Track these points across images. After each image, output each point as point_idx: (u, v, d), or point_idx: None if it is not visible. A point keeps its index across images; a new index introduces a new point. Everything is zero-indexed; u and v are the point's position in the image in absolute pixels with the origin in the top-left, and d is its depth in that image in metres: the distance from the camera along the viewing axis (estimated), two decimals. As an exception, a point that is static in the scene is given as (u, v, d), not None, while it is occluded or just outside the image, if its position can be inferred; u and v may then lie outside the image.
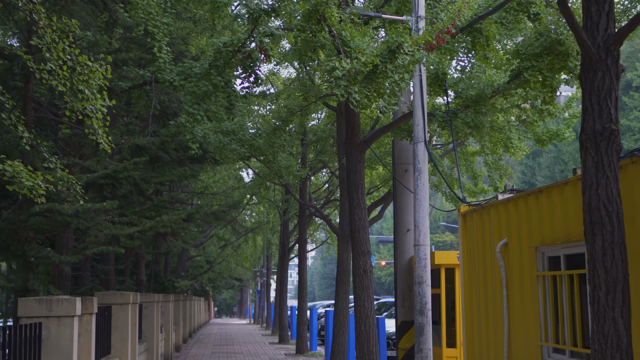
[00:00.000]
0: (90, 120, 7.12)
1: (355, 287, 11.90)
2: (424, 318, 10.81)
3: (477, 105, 11.23)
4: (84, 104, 6.92)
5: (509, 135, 16.56)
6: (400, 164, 14.09)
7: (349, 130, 12.09)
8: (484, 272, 9.29)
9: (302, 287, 23.83)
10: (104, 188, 10.19)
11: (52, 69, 6.56)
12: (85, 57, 6.80)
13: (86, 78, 6.79)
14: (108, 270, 16.66)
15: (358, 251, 11.91)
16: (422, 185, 11.10)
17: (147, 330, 15.56)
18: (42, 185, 6.64)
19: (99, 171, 9.69)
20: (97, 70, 6.90)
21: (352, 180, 12.02)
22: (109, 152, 7.73)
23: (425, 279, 10.90)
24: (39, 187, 6.64)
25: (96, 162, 10.11)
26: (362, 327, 11.74)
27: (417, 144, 11.06)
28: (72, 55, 6.68)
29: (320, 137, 19.92)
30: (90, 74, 6.84)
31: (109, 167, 9.85)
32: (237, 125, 14.26)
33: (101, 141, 7.43)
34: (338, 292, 17.01)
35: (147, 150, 10.57)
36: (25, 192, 6.59)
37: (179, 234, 10.37)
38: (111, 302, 11.23)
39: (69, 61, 6.65)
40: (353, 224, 11.97)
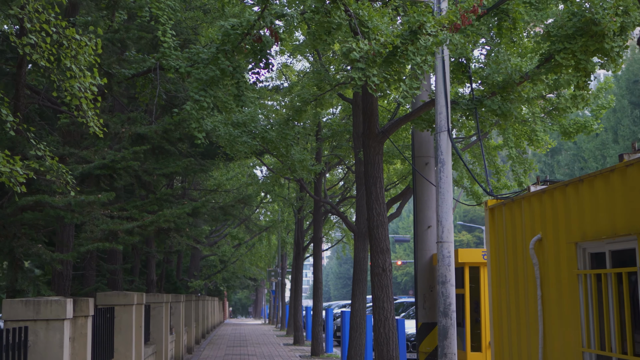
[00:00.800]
0: (79, 101, 6.43)
1: (374, 287, 11.16)
2: (448, 320, 10.05)
3: (504, 92, 10.45)
4: (71, 82, 6.23)
5: (534, 127, 15.77)
6: (420, 157, 13.33)
7: (366, 120, 11.35)
8: (514, 270, 8.53)
9: (317, 287, 23.12)
10: (100, 179, 9.48)
11: (35, 42, 5.87)
12: (73, 30, 6.11)
13: (74, 53, 6.11)
14: (115, 269, 16.01)
15: (377, 249, 11.17)
16: (446, 177, 10.34)
17: (155, 332, 14.90)
18: (21, 172, 5.96)
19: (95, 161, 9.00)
20: (87, 45, 6.21)
21: (369, 173, 11.28)
22: (101, 136, 7.03)
23: (450, 278, 10.15)
24: (18, 175, 5.96)
25: (93, 152, 9.42)
26: (382, 329, 11.00)
27: (440, 133, 10.31)
28: (57, 28, 6.00)
29: (335, 132, 19.21)
30: (79, 49, 6.15)
31: (106, 157, 9.15)
32: (248, 117, 13.56)
33: (91, 124, 6.73)
34: (355, 292, 16.28)
35: (149, 139, 9.85)
36: (3, 180, 5.92)
37: (183, 230, 9.66)
38: (114, 303, 10.57)
39: (54, 34, 5.97)
40: (371, 220, 11.23)
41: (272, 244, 43.92)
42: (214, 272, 40.34)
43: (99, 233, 8.78)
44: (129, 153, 9.19)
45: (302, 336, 27.78)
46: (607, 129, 51.15)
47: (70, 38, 6.03)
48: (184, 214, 9.21)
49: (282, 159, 14.58)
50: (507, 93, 10.48)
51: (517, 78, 10.33)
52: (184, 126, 9.74)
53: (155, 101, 9.81)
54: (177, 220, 9.22)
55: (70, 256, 9.35)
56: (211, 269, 42.31)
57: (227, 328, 45.39)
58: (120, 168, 9.08)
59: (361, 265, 16.33)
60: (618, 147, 50.38)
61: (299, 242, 28.68)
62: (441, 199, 10.27)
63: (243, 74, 9.47)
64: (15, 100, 9.09)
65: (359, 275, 16.33)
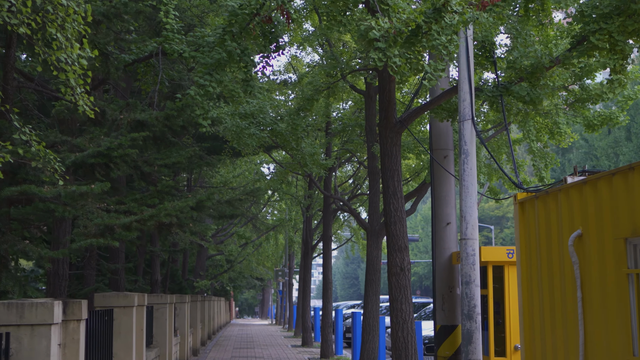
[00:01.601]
0: (65, 75, 5.70)
1: (391, 287, 10.42)
2: (473, 323, 9.31)
3: (532, 78, 9.70)
4: (58, 53, 5.51)
5: (556, 120, 14.99)
6: (439, 150, 12.57)
7: (383, 109, 10.61)
8: (549, 269, 7.78)
9: (326, 287, 22.36)
10: (96, 169, 8.74)
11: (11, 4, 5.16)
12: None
13: (61, 21, 5.40)
14: (117, 269, 15.30)
15: (394, 246, 10.43)
16: (470, 169, 9.60)
17: (159, 335, 14.20)
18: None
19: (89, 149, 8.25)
20: (75, 13, 5.48)
21: (386, 165, 10.54)
22: (92, 116, 6.31)
23: (474, 278, 9.41)
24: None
25: (88, 140, 8.68)
26: (400, 333, 10.26)
27: (463, 122, 9.57)
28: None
29: (346, 126, 18.46)
30: (66, 17, 5.43)
31: (102, 144, 8.41)
32: (256, 108, 12.82)
33: (80, 102, 6.01)
34: (367, 292, 15.53)
35: (150, 127, 9.11)
36: (-24, 164, 5.26)
37: (186, 226, 8.92)
38: (113, 305, 9.86)
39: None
40: (388, 216, 10.49)
41: (280, 243, 43.16)
42: (221, 271, 39.60)
43: (93, 228, 8.04)
44: (127, 140, 8.41)
45: (311, 337, 27.04)
46: (619, 127, 50.27)
47: (56, 3, 5.31)
48: (187, 208, 8.44)
49: (292, 152, 13.85)
50: (536, 79, 9.73)
51: (546, 62, 9.58)
52: (188, 112, 9.01)
53: (156, 87, 9.08)
54: (180, 215, 8.46)
55: (60, 253, 8.60)
56: (217, 268, 41.61)
57: (234, 329, 44.69)
58: (117, 156, 8.31)
59: (374, 264, 15.59)
60: (631, 144, 49.48)
61: (308, 241, 27.93)
62: (465, 193, 9.53)
63: (251, 57, 8.73)
64: (3, 83, 8.37)
65: (372, 274, 15.59)
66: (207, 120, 8.23)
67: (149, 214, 8.07)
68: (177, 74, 10.29)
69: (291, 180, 29.68)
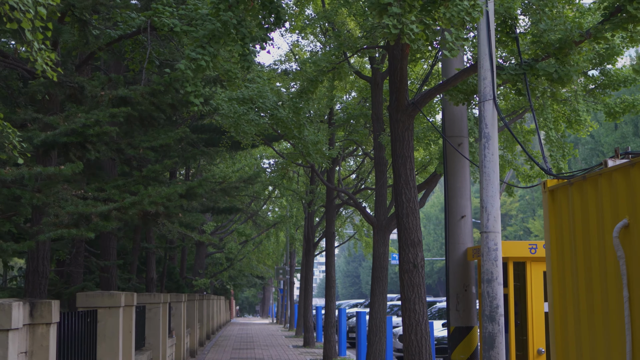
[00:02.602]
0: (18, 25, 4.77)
1: (403, 286, 9.51)
2: (495, 326, 8.39)
3: (560, 53, 8.76)
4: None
5: (576, 107, 14.05)
6: (453, 137, 11.63)
7: (394, 90, 9.68)
8: (586, 265, 6.85)
9: (329, 286, 21.43)
10: (70, 150, 7.80)
11: None
12: None
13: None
14: (108, 266, 14.37)
15: (406, 241, 9.52)
16: (491, 155, 8.67)
17: (152, 337, 13.28)
18: None
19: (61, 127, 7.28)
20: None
21: (397, 152, 9.62)
22: (55, 79, 5.41)
23: (497, 275, 8.49)
24: None
25: (63, 118, 7.74)
26: (413, 336, 9.34)
27: (484, 102, 8.64)
28: None
29: (350, 116, 17.54)
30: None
31: (76, 121, 7.46)
32: (255, 93, 11.89)
33: (38, 59, 5.07)
34: (374, 291, 14.61)
35: (134, 104, 8.13)
36: None
37: (175, 216, 7.97)
38: (97, 305, 8.93)
39: None
40: (400, 207, 9.57)
41: (280, 241, 42.22)
42: (220, 270, 38.70)
43: (66, 217, 7.09)
44: (105, 116, 7.43)
45: (313, 337, 26.13)
46: (627, 122, 49.29)
47: None
48: (175, 195, 7.45)
49: (294, 141, 12.91)
50: (564, 54, 8.80)
51: (576, 36, 8.64)
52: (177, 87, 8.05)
53: (144, 65, 8.14)
54: (167, 203, 7.51)
55: (25, 246, 7.65)
56: (217, 266, 40.75)
57: (234, 328, 43.80)
58: (94, 135, 7.33)
59: (381, 261, 14.67)
60: (639, 140, 48.51)
61: (309, 238, 27.01)
62: (485, 181, 8.61)
63: (249, 28, 7.80)
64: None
65: (378, 272, 14.66)
66: (199, 98, 7.31)
67: (130, 201, 7.09)
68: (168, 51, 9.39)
69: (292, 176, 28.78)
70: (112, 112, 7.42)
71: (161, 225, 7.84)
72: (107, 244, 14.88)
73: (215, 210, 25.66)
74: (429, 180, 15.19)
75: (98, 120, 7.31)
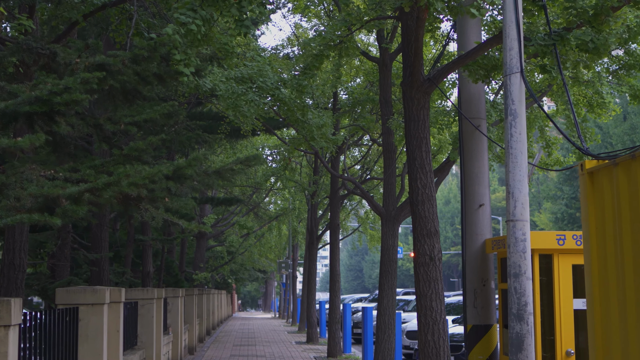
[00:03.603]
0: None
1: (419, 280, 8.60)
2: (524, 325, 7.47)
3: (596, 21, 7.83)
4: None
5: (599, 89, 13.13)
6: (469, 119, 10.71)
7: (407, 65, 8.75)
8: (636, 255, 5.93)
9: (334, 280, 20.51)
10: (35, 122, 6.86)
11: None
12: None
13: None
14: (99, 259, 13.47)
15: (422, 231, 8.61)
16: (518, 134, 7.74)
17: (145, 335, 12.40)
18: None
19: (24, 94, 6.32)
20: None
21: (412, 133, 8.70)
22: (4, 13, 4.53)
23: (525, 269, 7.56)
24: None
25: (30, 87, 6.78)
26: (429, 336, 8.44)
27: (510, 75, 7.71)
28: None
29: (356, 101, 16.60)
30: None
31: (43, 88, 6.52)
32: (254, 71, 10.97)
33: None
34: (382, 286, 13.70)
35: (115, 74, 7.15)
36: None
37: (160, 200, 7.02)
38: (78, 302, 8.04)
39: None
40: (414, 194, 8.66)
41: (283, 234, 41.31)
42: (221, 263, 37.84)
43: (29, 200, 6.15)
44: (76, 82, 6.44)
45: (316, 333, 25.24)
46: (636, 113, 48.30)
47: None
48: (159, 176, 6.48)
49: (297, 125, 11.99)
50: (600, 22, 7.86)
51: (614, 1, 7.71)
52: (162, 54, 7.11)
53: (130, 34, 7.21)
54: (151, 186, 6.56)
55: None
56: (218, 260, 39.93)
57: (235, 323, 42.97)
58: (62, 104, 6.36)
59: (389, 253, 13.76)
60: (649, 131, 47.52)
61: (313, 231, 26.08)
62: (512, 163, 7.68)
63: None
64: None
65: (387, 265, 13.75)
66: (190, 67, 6.40)
67: (104, 181, 6.11)
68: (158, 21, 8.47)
69: (295, 167, 27.89)
70: (84, 78, 6.42)
71: (144, 211, 6.91)
72: (99, 236, 14.00)
73: (214, 201, 24.82)
74: (441, 169, 14.27)
75: (67, 87, 6.33)
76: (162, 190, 6.82)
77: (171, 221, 7.14)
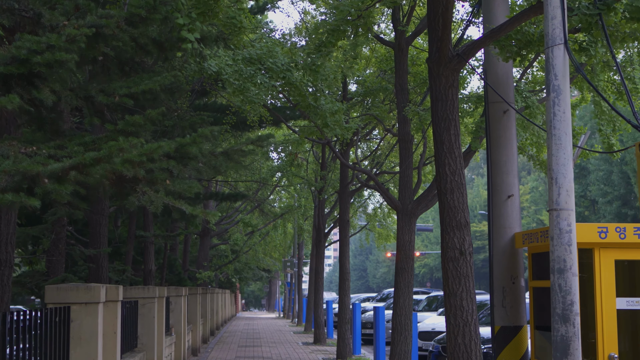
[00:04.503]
0: None
1: (447, 277, 7.78)
2: (570, 327, 6.65)
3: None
4: None
5: (631, 74, 12.30)
6: (496, 103, 9.87)
7: (434, 39, 7.92)
8: None
9: (343, 278, 19.70)
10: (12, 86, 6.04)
11: None
12: None
13: None
14: (97, 256, 12.67)
15: (450, 222, 7.79)
16: (562, 113, 6.92)
17: (145, 336, 11.60)
18: None
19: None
20: None
21: (439, 114, 7.89)
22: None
23: (570, 264, 6.75)
24: None
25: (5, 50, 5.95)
26: (459, 339, 7.62)
27: (553, 48, 6.89)
28: None
29: (368, 90, 15.78)
30: None
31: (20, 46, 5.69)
32: (264, 51, 10.14)
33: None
34: (398, 284, 12.88)
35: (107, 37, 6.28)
36: None
37: (160, 182, 6.18)
38: (70, 301, 7.23)
39: None
40: (442, 181, 7.84)
41: (288, 232, 40.46)
42: (225, 262, 37.05)
43: (4, 179, 5.31)
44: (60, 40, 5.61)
45: (324, 334, 24.42)
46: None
47: None
48: (159, 153, 5.61)
49: (309, 111, 11.16)
50: (652, -13, 7.04)
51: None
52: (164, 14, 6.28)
53: (127, 1, 6.39)
54: (150, 165, 5.72)
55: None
56: (222, 259, 39.18)
57: (240, 323, 42.19)
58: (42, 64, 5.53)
59: (406, 250, 12.93)
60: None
61: (320, 227, 25.25)
62: (556, 145, 6.86)
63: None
64: None
65: (403, 262, 12.92)
66: (195, 33, 5.60)
67: (93, 156, 5.24)
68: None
69: (301, 163, 27.07)
70: (69, 35, 5.56)
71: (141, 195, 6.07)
72: (97, 231, 13.20)
73: (219, 196, 24.01)
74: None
75: (50, 45, 5.48)
76: (163, 172, 6.00)
77: (172, 206, 6.30)
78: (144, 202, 6.25)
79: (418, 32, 13.25)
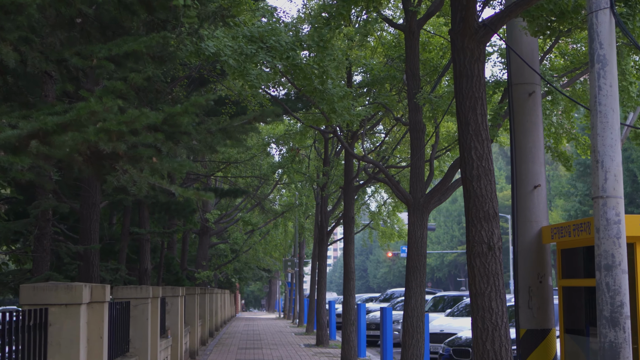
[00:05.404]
0: None
1: (474, 275, 6.91)
2: (620, 333, 5.80)
3: None
4: None
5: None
6: (520, 85, 9.04)
7: (458, 9, 7.07)
8: None
9: (348, 278, 18.80)
10: None
11: None
12: None
13: None
14: (87, 252, 11.81)
15: (477, 213, 6.93)
16: (609, 87, 6.09)
17: (138, 339, 10.72)
18: None
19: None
20: None
21: (464, 92, 7.03)
22: None
23: (620, 259, 5.92)
24: None
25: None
26: (488, 344, 6.75)
27: (597, 12, 6.07)
28: None
29: (375, 78, 14.93)
30: None
31: None
32: (266, 29, 9.29)
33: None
34: (410, 284, 12.02)
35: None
36: None
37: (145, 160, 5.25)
38: (48, 302, 6.38)
39: None
40: (468, 167, 6.98)
41: (289, 231, 39.56)
42: (225, 262, 36.17)
43: (-59, 151, 4.40)
44: None
45: (326, 335, 23.55)
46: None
47: None
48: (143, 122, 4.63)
49: (315, 96, 10.30)
50: None
51: None
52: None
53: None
54: (132, 139, 4.77)
55: None
56: (221, 258, 38.28)
57: (239, 323, 41.32)
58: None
59: (417, 247, 12.07)
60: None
61: (322, 226, 24.35)
62: (601, 124, 6.02)
63: None
64: None
65: (415, 260, 12.06)
66: (187, -10, 4.76)
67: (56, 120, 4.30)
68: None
69: (302, 159, 26.21)
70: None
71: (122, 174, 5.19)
72: (88, 226, 12.35)
73: (218, 192, 23.15)
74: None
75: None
76: (149, 148, 5.10)
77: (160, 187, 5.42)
78: (124, 181, 5.35)
79: (430, 13, 12.39)
